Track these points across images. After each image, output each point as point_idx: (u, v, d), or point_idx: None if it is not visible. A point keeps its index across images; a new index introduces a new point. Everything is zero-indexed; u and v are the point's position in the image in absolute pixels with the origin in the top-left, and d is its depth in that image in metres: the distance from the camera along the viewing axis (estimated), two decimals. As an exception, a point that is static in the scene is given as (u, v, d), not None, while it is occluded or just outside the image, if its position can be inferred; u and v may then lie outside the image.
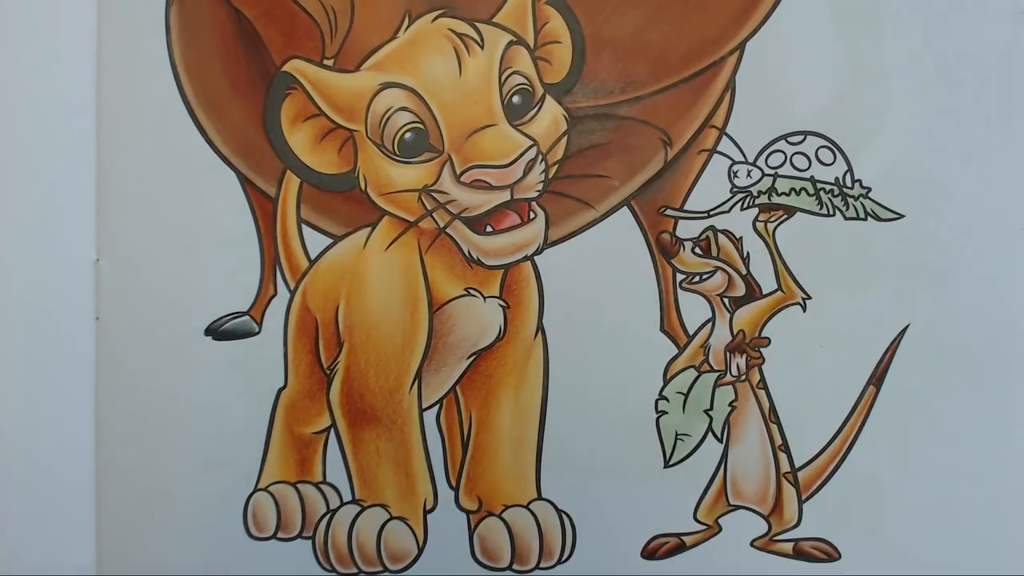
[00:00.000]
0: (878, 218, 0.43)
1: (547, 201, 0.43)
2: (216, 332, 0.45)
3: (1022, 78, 0.44)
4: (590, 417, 0.44)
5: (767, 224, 0.44)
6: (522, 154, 0.42)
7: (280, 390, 0.45)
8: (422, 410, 0.45)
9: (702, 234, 0.44)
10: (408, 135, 0.42)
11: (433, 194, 0.42)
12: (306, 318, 0.45)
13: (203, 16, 0.45)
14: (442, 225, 0.43)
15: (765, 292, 0.44)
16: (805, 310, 0.44)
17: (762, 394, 0.44)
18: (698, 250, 0.44)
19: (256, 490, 0.45)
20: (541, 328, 0.44)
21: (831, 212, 0.43)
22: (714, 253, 0.44)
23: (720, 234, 0.44)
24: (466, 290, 0.44)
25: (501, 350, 0.44)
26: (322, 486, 0.45)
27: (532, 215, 0.43)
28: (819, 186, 0.43)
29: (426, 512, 0.45)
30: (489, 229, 0.43)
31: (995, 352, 0.44)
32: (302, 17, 0.44)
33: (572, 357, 0.44)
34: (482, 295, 0.44)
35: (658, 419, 0.44)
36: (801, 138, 0.43)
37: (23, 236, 0.46)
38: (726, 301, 0.44)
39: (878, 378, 0.44)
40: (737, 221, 0.44)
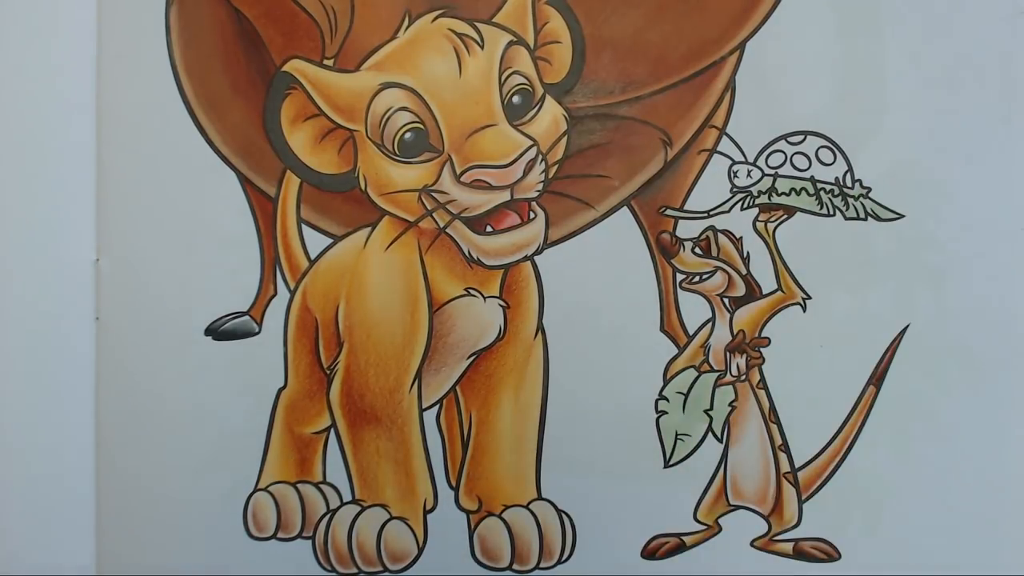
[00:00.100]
0: (878, 218, 0.43)
1: (547, 201, 0.43)
2: (216, 332, 0.45)
3: (1022, 78, 0.44)
4: (590, 417, 0.44)
5: (767, 224, 0.44)
6: (522, 154, 0.42)
7: (280, 390, 0.45)
8: (422, 410, 0.45)
9: (702, 234, 0.44)
10: (408, 135, 0.42)
11: (433, 194, 0.42)
12: (306, 318, 0.45)
13: (203, 16, 0.45)
14: (442, 225, 0.43)
15: (765, 292, 0.44)
16: (805, 310, 0.44)
17: (762, 394, 0.44)
18: (698, 250, 0.44)
19: (256, 490, 0.45)
20: (541, 328, 0.44)
21: (831, 212, 0.43)
22: (714, 253, 0.44)
23: (720, 234, 0.44)
24: (466, 290, 0.44)
25: (501, 350, 0.44)
26: (322, 486, 0.45)
27: (532, 215, 0.43)
28: (819, 186, 0.43)
29: (426, 512, 0.45)
30: (489, 229, 0.43)
31: (995, 352, 0.44)
32: (302, 17, 0.44)
33: (572, 357, 0.44)
34: (482, 295, 0.44)
35: (658, 419, 0.44)
36: (801, 138, 0.43)
37: (23, 236, 0.46)
38: (726, 301, 0.44)
39: (878, 378, 0.44)
40: (737, 221, 0.44)
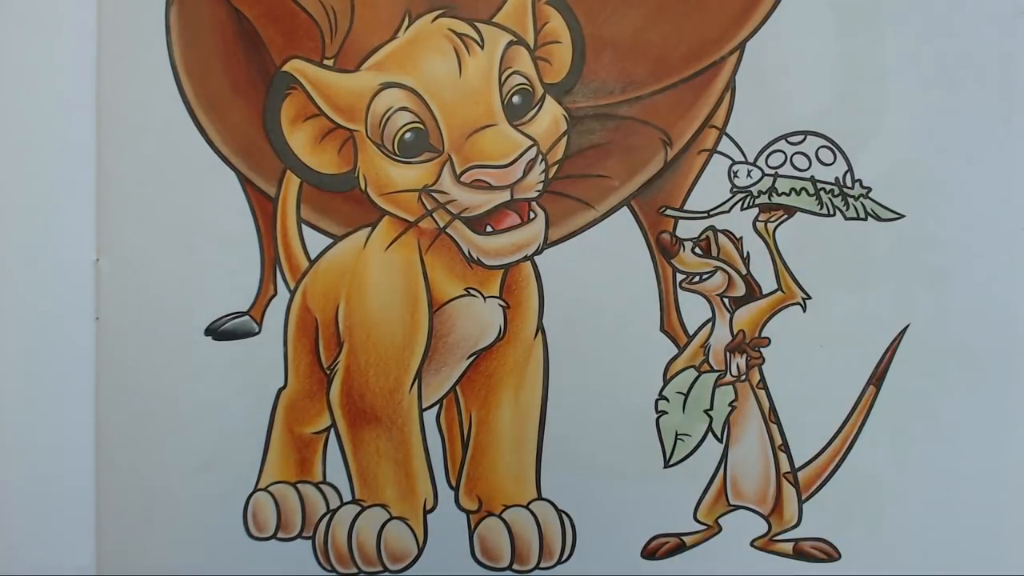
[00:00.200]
0: (878, 218, 0.43)
1: (547, 201, 0.43)
2: (216, 332, 0.45)
3: (1022, 78, 0.44)
4: (590, 417, 0.44)
5: (767, 224, 0.44)
6: (522, 154, 0.42)
7: (280, 390, 0.45)
8: (422, 410, 0.45)
9: (702, 234, 0.44)
10: (408, 135, 0.42)
11: (433, 194, 0.42)
12: (306, 318, 0.45)
13: (203, 16, 0.45)
14: (442, 225, 0.43)
15: (765, 292, 0.44)
16: (805, 310, 0.44)
17: (762, 394, 0.44)
18: (698, 250, 0.44)
19: (256, 490, 0.45)
20: (541, 328, 0.44)
21: (831, 212, 0.43)
22: (714, 253, 0.44)
23: (720, 234, 0.44)
24: (466, 290, 0.44)
25: (501, 350, 0.44)
26: (322, 486, 0.45)
27: (532, 215, 0.43)
28: (819, 186, 0.43)
29: (426, 512, 0.45)
30: (489, 229, 0.43)
31: (995, 352, 0.44)
32: (302, 17, 0.44)
33: (572, 357, 0.44)
34: (482, 295, 0.44)
35: (658, 419, 0.44)
36: (801, 138, 0.43)
37: (23, 236, 0.46)
38: (726, 301, 0.44)
39: (878, 378, 0.44)
40: (737, 221, 0.44)
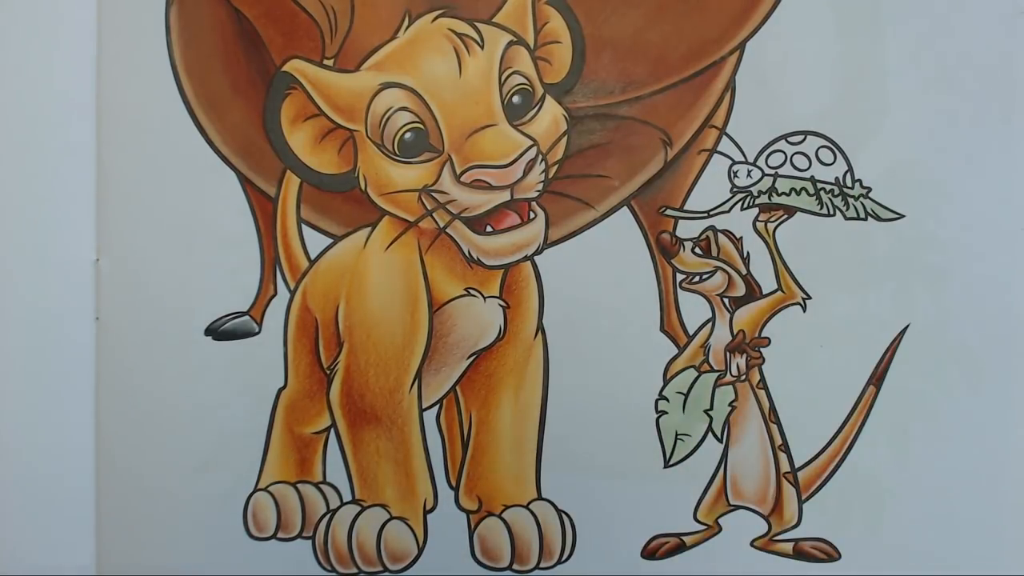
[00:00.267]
0: (878, 218, 0.43)
1: (547, 201, 0.43)
2: (216, 332, 0.45)
3: (1022, 78, 0.44)
4: (590, 417, 0.44)
5: (767, 224, 0.44)
6: (522, 154, 0.42)
7: (280, 390, 0.45)
8: (422, 410, 0.45)
9: (702, 234, 0.44)
10: (408, 135, 0.42)
11: (433, 194, 0.42)
12: (306, 318, 0.45)
13: (203, 16, 0.45)
14: (442, 225, 0.43)
15: (765, 292, 0.44)
16: (805, 310, 0.44)
17: (762, 394, 0.44)
18: (698, 250, 0.44)
19: (256, 490, 0.45)
20: (541, 328, 0.44)
21: (831, 212, 0.43)
22: (714, 253, 0.44)
23: (720, 234, 0.44)
24: (466, 290, 0.44)
25: (501, 350, 0.44)
26: (322, 486, 0.45)
27: (532, 215, 0.43)
28: (819, 186, 0.43)
29: (426, 512, 0.45)
30: (489, 229, 0.43)
31: (995, 352, 0.44)
32: (302, 17, 0.44)
33: (572, 357, 0.44)
34: (482, 295, 0.44)
35: (658, 419, 0.44)
36: (801, 138, 0.43)
37: (23, 236, 0.46)
38: (726, 301, 0.44)
39: (878, 378, 0.44)
40: (737, 221, 0.44)
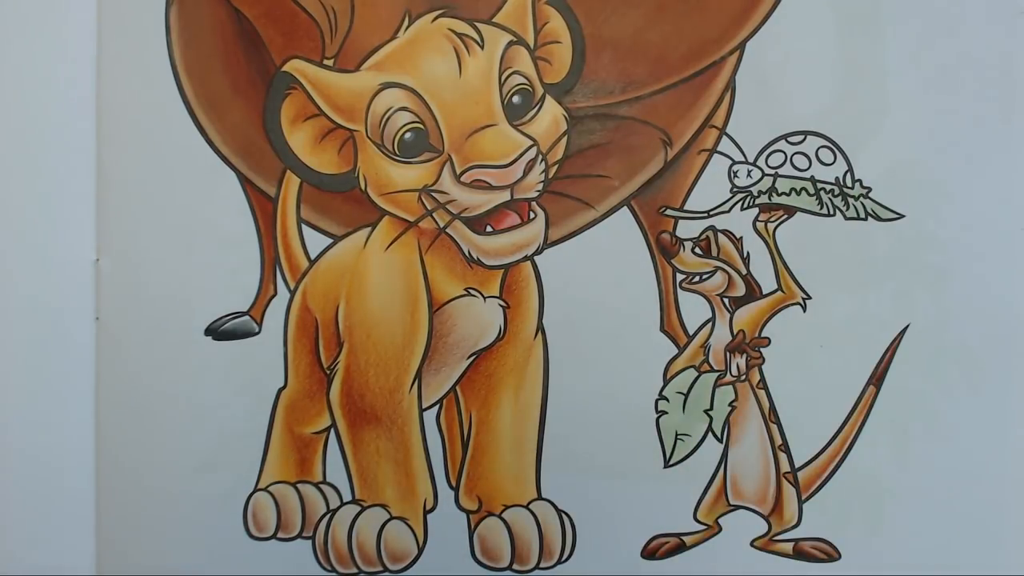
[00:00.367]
0: (878, 218, 0.43)
1: (547, 201, 0.43)
2: (216, 332, 0.45)
3: (1022, 78, 0.44)
4: (590, 417, 0.44)
5: (767, 224, 0.44)
6: (522, 154, 0.42)
7: (280, 390, 0.45)
8: (422, 410, 0.45)
9: (702, 234, 0.44)
10: (408, 135, 0.42)
11: (433, 194, 0.42)
12: (306, 318, 0.45)
13: (203, 16, 0.45)
14: (442, 225, 0.43)
15: (765, 292, 0.44)
16: (805, 310, 0.44)
17: (762, 394, 0.44)
18: (698, 250, 0.44)
19: (256, 490, 0.45)
20: (541, 328, 0.44)
21: (831, 212, 0.43)
22: (714, 253, 0.44)
23: (720, 234, 0.44)
24: (466, 290, 0.44)
25: (501, 350, 0.44)
26: (322, 486, 0.45)
27: (532, 215, 0.43)
28: (819, 186, 0.43)
29: (426, 512, 0.45)
30: (489, 229, 0.43)
31: (995, 352, 0.44)
32: (302, 17, 0.44)
33: (572, 357, 0.44)
34: (482, 295, 0.44)
35: (658, 419, 0.44)
36: (801, 138, 0.43)
37: (23, 236, 0.46)
38: (726, 301, 0.44)
39: (878, 378, 0.44)
40: (737, 221, 0.44)
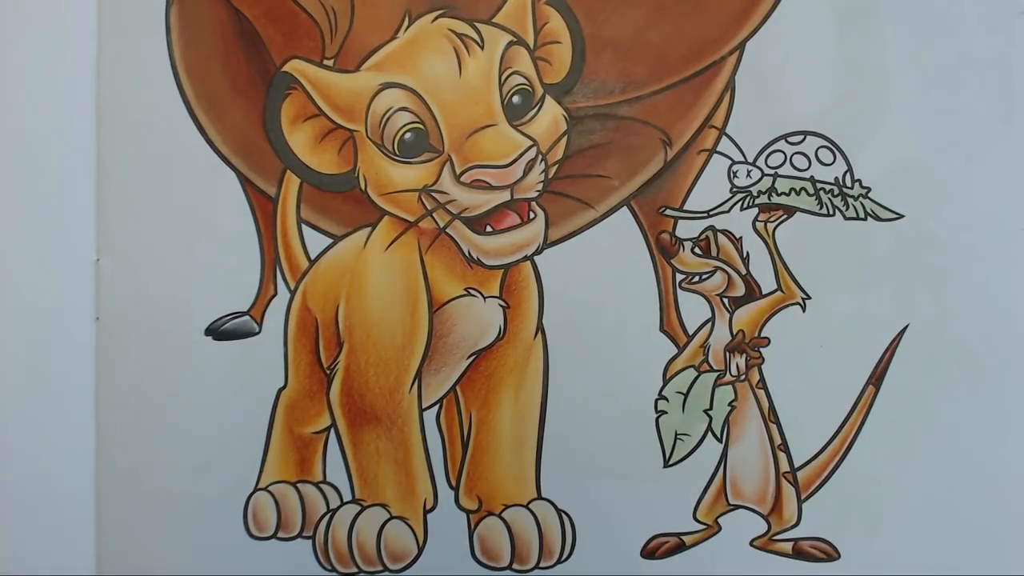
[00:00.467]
0: (878, 218, 0.43)
1: (547, 201, 0.43)
2: (216, 332, 0.45)
3: (1022, 78, 0.44)
4: (590, 417, 0.44)
5: (767, 224, 0.44)
6: (522, 154, 0.42)
7: (280, 390, 0.45)
8: (422, 410, 0.45)
9: (702, 234, 0.44)
10: (408, 135, 0.42)
11: (433, 194, 0.42)
12: (306, 318, 0.45)
13: (203, 16, 0.45)
14: (442, 225, 0.43)
15: (765, 292, 0.44)
16: (805, 310, 0.44)
17: (762, 394, 0.44)
18: (698, 250, 0.44)
19: (256, 490, 0.45)
20: (541, 328, 0.44)
21: (831, 212, 0.43)
22: (714, 253, 0.44)
23: (720, 234, 0.44)
24: (466, 290, 0.44)
25: (501, 350, 0.44)
26: (322, 486, 0.45)
27: (532, 215, 0.43)
28: (819, 186, 0.43)
29: (426, 512, 0.45)
30: (489, 229, 0.43)
31: (995, 352, 0.44)
32: (302, 17, 0.44)
33: (572, 357, 0.44)
34: (482, 295, 0.44)
35: (658, 419, 0.44)
36: (801, 138, 0.43)
37: (23, 236, 0.46)
38: (726, 301, 0.44)
39: (878, 378, 0.44)
40: (737, 221, 0.44)
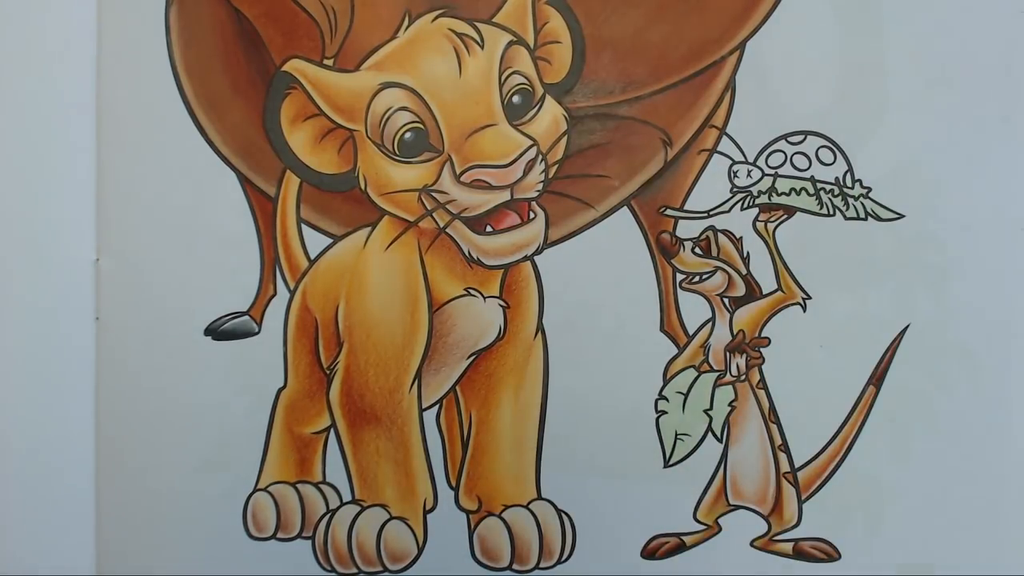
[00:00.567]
0: (878, 218, 0.43)
1: (547, 201, 0.43)
2: (216, 332, 0.45)
3: (1022, 78, 0.44)
4: (590, 417, 0.44)
5: (767, 224, 0.44)
6: (522, 154, 0.42)
7: (280, 390, 0.45)
8: (422, 410, 0.45)
9: (702, 234, 0.44)
10: (408, 135, 0.42)
11: (433, 194, 0.42)
12: (306, 318, 0.45)
13: (203, 16, 0.45)
14: (442, 225, 0.43)
15: (765, 292, 0.44)
16: (805, 310, 0.44)
17: (762, 394, 0.44)
18: (698, 250, 0.44)
19: (256, 490, 0.45)
20: (541, 328, 0.44)
21: (831, 212, 0.43)
22: (714, 253, 0.44)
23: (720, 234, 0.44)
24: (466, 290, 0.44)
25: (501, 350, 0.44)
26: (322, 486, 0.45)
27: (532, 215, 0.43)
28: (819, 186, 0.43)
29: (426, 512, 0.45)
30: (489, 229, 0.43)
31: (995, 352, 0.44)
32: (302, 17, 0.44)
33: (572, 357, 0.44)
34: (482, 295, 0.44)
35: (658, 419, 0.44)
36: (801, 138, 0.43)
37: (23, 236, 0.46)
38: (726, 301, 0.44)
39: (878, 378, 0.44)
40: (737, 221, 0.44)
